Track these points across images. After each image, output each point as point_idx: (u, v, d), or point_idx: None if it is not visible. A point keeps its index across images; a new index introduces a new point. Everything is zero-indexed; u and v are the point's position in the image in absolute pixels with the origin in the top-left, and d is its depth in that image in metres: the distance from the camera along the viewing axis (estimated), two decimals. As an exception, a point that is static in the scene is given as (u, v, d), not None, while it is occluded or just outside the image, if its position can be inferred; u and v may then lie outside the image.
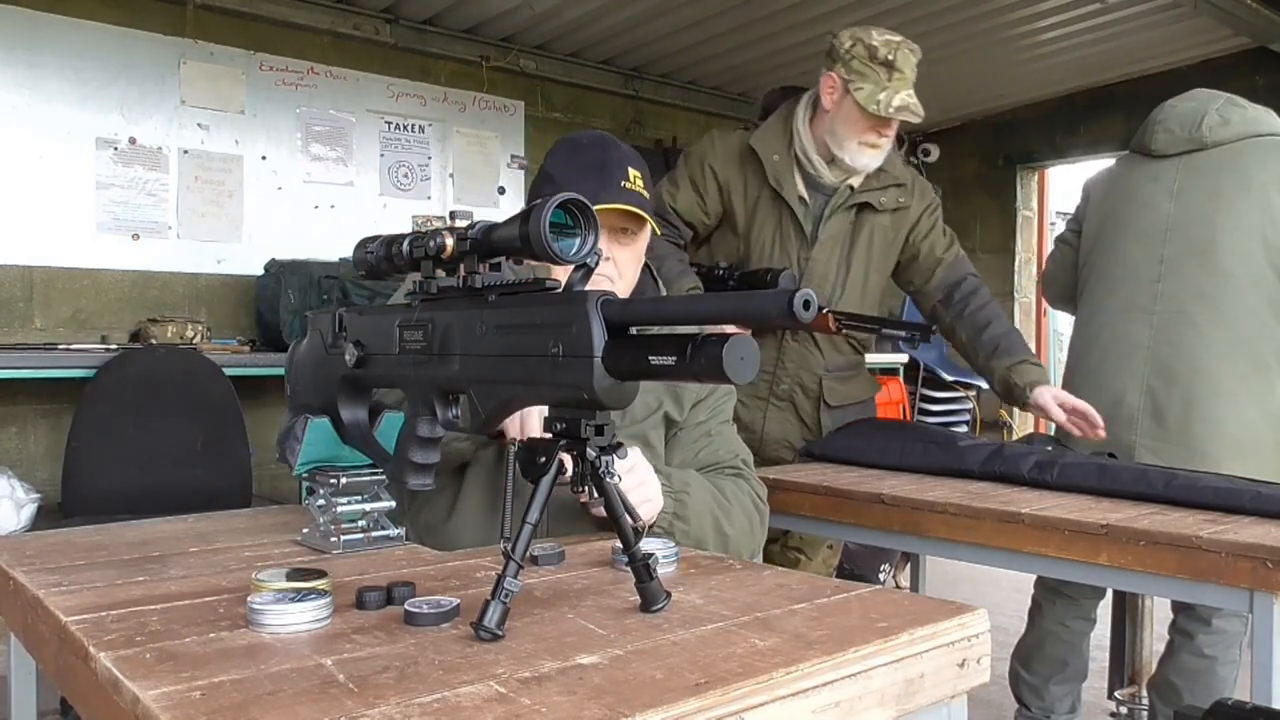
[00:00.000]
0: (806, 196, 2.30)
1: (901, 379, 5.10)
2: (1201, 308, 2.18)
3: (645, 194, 1.42)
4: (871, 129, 2.21)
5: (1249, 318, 2.16)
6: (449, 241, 0.95)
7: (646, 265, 1.57)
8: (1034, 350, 2.31)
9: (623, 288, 1.45)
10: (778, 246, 2.31)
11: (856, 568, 3.79)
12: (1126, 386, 2.20)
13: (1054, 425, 2.26)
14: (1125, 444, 2.18)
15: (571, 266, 0.87)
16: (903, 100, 2.16)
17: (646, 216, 1.41)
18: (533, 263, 0.92)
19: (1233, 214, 2.19)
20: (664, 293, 1.62)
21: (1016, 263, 5.91)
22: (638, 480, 1.27)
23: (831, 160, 2.28)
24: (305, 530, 1.25)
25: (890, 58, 2.15)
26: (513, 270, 0.94)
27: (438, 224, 0.96)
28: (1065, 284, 2.54)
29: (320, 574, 0.97)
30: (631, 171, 1.40)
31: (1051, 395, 2.18)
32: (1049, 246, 2.51)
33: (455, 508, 1.43)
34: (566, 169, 1.42)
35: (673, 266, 2.32)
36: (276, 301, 3.56)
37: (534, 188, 1.51)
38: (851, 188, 2.29)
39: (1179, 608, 2.29)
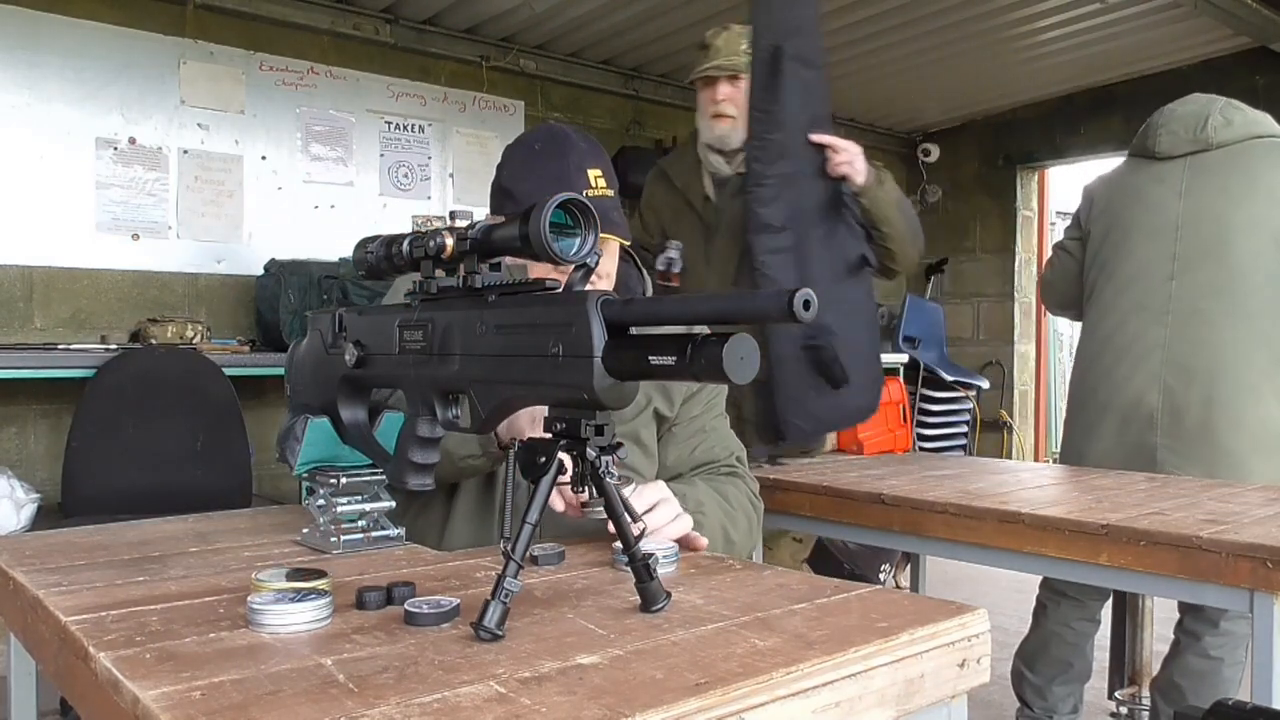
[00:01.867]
0: (713, 195, 2.44)
1: (901, 379, 5.10)
2: (1217, 304, 2.17)
3: (610, 192, 1.36)
4: (708, 100, 2.39)
5: (1265, 313, 2.15)
6: (449, 241, 0.95)
7: (630, 255, 1.55)
8: (1034, 350, 2.30)
9: (607, 285, 1.42)
10: (690, 243, 2.42)
11: (856, 568, 3.79)
12: (1144, 387, 2.19)
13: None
14: (1146, 444, 2.17)
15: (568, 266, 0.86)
16: (711, 64, 2.35)
17: (613, 238, 1.36)
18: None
19: (1243, 211, 2.19)
20: (648, 280, 1.62)
21: (1017, 263, 5.91)
22: (672, 513, 1.22)
23: (722, 153, 2.40)
24: (305, 530, 1.25)
25: (704, 42, 2.40)
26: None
27: (438, 224, 0.96)
28: (1065, 292, 2.54)
29: (320, 574, 0.97)
30: (591, 173, 1.33)
31: None
32: (1049, 246, 2.52)
33: (450, 518, 1.43)
34: (526, 186, 1.34)
35: None
36: (276, 301, 3.56)
37: (494, 201, 1.41)
38: (740, 174, 2.37)
39: (1185, 608, 2.27)
